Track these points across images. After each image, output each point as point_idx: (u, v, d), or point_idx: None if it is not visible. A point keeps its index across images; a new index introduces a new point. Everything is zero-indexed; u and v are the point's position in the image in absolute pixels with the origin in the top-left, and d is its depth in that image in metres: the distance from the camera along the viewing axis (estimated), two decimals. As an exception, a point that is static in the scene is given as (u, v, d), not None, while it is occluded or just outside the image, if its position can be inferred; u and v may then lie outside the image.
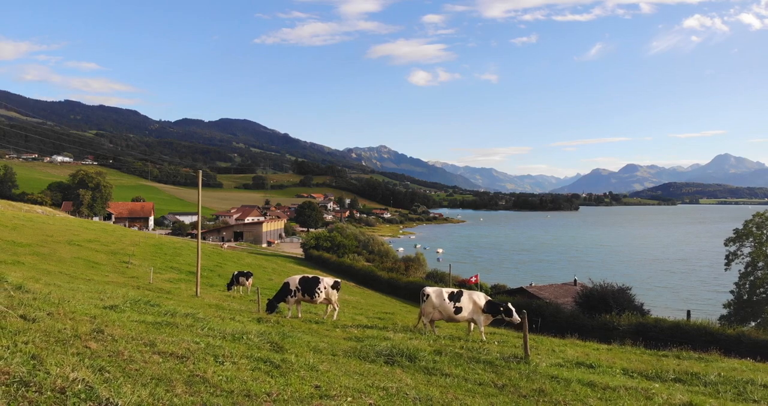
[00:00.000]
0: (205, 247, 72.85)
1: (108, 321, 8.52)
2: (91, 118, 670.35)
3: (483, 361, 10.40)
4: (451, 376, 9.17)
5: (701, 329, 29.93)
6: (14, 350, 6.12)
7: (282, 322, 14.49)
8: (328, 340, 11.26)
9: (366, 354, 10.04)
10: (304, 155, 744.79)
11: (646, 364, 12.47)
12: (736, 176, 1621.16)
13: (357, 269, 68.91)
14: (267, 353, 8.26)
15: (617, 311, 34.84)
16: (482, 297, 16.07)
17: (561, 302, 42.88)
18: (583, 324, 32.95)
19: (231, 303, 20.50)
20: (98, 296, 12.56)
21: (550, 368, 10.27)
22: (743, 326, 33.35)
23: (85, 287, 16.06)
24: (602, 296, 38.59)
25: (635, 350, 15.51)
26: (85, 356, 6.46)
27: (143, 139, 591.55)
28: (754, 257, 48.12)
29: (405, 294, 55.42)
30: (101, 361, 6.30)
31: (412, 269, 73.51)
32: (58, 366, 5.79)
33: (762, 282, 46.07)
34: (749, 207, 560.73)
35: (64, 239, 44.99)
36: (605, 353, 14.04)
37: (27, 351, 6.17)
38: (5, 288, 9.38)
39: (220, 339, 8.87)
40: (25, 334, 6.88)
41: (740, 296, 47.46)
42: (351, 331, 14.29)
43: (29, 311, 8.00)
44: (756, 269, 47.51)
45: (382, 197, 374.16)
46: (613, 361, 11.87)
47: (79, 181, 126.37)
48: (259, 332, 9.99)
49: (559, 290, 49.71)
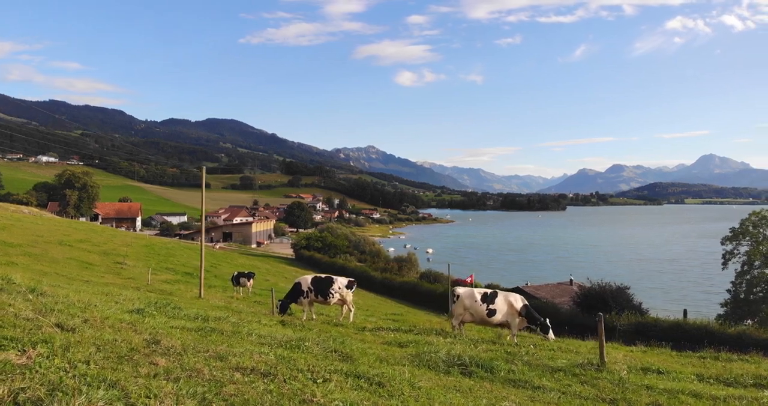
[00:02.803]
0: (197, 247, 72.14)
1: (149, 328, 7.82)
2: (77, 118, 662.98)
3: (559, 369, 9.78)
4: (545, 389, 8.49)
5: (702, 329, 29.90)
6: (81, 374, 5.04)
7: (306, 325, 13.95)
8: (370, 345, 10.61)
9: (434, 364, 9.32)
10: (292, 155, 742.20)
11: (709, 368, 12.02)
12: (720, 176, 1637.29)
13: (350, 270, 68.46)
14: (339, 363, 7.60)
15: (616, 310, 34.83)
16: (519, 300, 15.40)
17: (558, 302, 42.86)
18: (583, 324, 32.76)
19: (239, 304, 20.03)
20: (113, 299, 12.01)
21: (631, 375, 9.61)
22: (743, 325, 33.31)
23: (89, 289, 15.56)
24: (601, 295, 38.60)
25: (667, 352, 15.14)
26: (164, 377, 5.49)
27: (129, 139, 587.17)
28: (750, 256, 48.30)
29: (399, 294, 55.19)
30: (190, 385, 5.27)
31: (405, 269, 73.36)
32: (152, 398, 4.72)
33: (759, 281, 46.25)
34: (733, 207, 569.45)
35: (55, 240, 44.22)
36: (643, 355, 13.66)
37: (97, 376, 5.04)
38: (18, 291, 8.67)
39: (281, 348, 8.19)
40: (76, 349, 5.82)
41: (737, 294, 47.60)
42: (381, 335, 13.59)
43: (62, 318, 7.08)
44: (753, 268, 47.70)
45: (371, 198, 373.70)
46: (669, 365, 11.44)
47: (65, 181, 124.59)
48: (314, 339, 9.35)
49: (556, 289, 49.74)
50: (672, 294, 72.77)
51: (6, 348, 5.45)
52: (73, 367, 5.23)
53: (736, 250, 51.00)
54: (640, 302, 39.94)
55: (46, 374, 4.85)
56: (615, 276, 49.00)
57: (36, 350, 5.48)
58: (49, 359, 5.31)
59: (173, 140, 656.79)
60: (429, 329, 15.39)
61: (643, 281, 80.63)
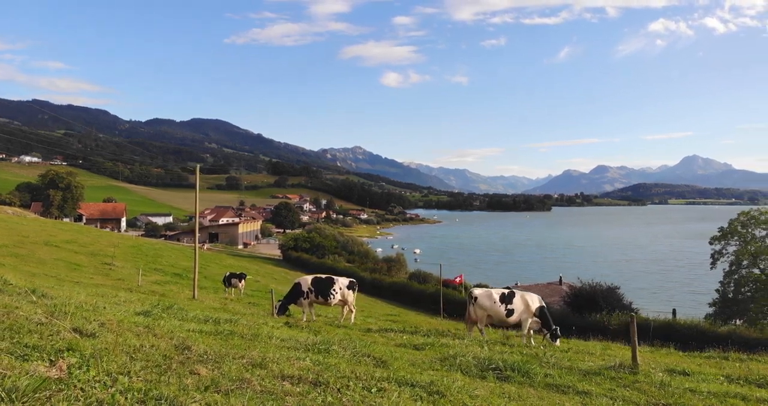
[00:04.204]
0: (185, 248, 71.49)
1: (167, 332, 7.35)
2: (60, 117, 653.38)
3: (594, 373, 9.42)
4: (592, 394, 8.02)
5: (693, 328, 30.11)
6: (126, 389, 4.46)
7: (311, 326, 13.66)
8: (392, 349, 10.08)
9: (466, 368, 8.83)
10: (278, 156, 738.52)
11: (730, 368, 11.82)
12: (704, 177, 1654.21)
13: (339, 270, 68.14)
14: (375, 369, 7.22)
15: (607, 310, 34.91)
16: (536, 300, 15.12)
17: (548, 302, 42.94)
18: (574, 324, 32.86)
19: (235, 306, 19.76)
20: (113, 301, 11.72)
21: (668, 378, 9.26)
22: (733, 325, 33.63)
23: (82, 290, 15.24)
24: (591, 295, 38.69)
25: (675, 352, 15.02)
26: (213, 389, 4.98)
27: (113, 139, 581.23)
28: (739, 256, 48.72)
29: (389, 295, 55.11)
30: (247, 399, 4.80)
31: (394, 269, 73.25)
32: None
33: (747, 280, 46.67)
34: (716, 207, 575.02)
35: (41, 240, 43.60)
36: (653, 356, 13.50)
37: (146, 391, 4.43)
38: (18, 292, 8.32)
39: (310, 352, 7.75)
40: (108, 358, 5.23)
41: (725, 294, 48.01)
42: (390, 336, 13.18)
43: (78, 322, 6.50)
44: (741, 268, 48.13)
45: (358, 198, 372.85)
46: (688, 366, 11.25)
47: (49, 181, 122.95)
48: (339, 343, 8.97)
49: (545, 289, 49.87)
50: (660, 295, 73.20)
51: (30, 358, 4.90)
52: (114, 380, 4.66)
53: (724, 249, 51.40)
54: (631, 302, 40.14)
55: (90, 391, 4.35)
56: (602, 276, 49.16)
57: (65, 360, 4.95)
58: (83, 371, 4.77)
59: (158, 140, 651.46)
60: (437, 330, 15.13)
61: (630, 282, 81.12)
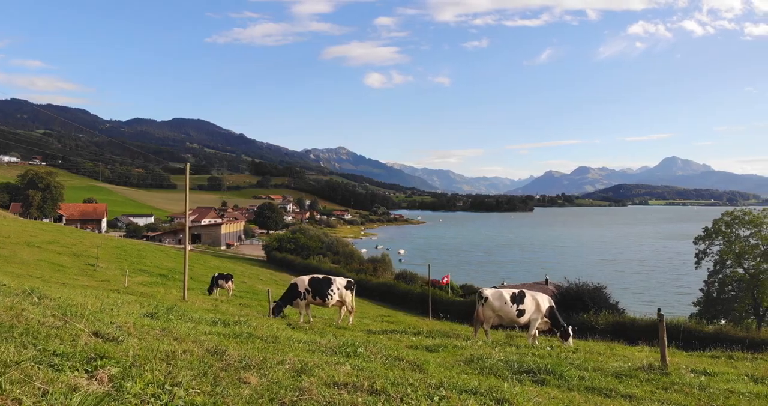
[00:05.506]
0: (167, 249, 70.75)
1: (184, 335, 6.89)
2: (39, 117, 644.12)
3: (627, 375, 9.16)
4: (638, 398, 7.68)
5: (679, 327, 30.38)
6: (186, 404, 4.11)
7: (315, 327, 13.42)
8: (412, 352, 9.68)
9: (497, 371, 8.46)
10: (261, 156, 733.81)
11: (745, 368, 11.75)
12: (683, 178, 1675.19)
13: (325, 271, 67.90)
14: (413, 373, 6.86)
15: (594, 309, 35.11)
16: (546, 300, 14.99)
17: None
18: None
19: (228, 307, 19.50)
20: (111, 303, 11.40)
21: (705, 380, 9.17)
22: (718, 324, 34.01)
23: (72, 291, 14.93)
24: (578, 295, 38.91)
25: (679, 352, 15.01)
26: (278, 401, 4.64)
27: (93, 139, 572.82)
28: (723, 255, 49.29)
29: (376, 295, 54.97)
30: None
31: (380, 270, 73.17)
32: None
33: (731, 280, 47.23)
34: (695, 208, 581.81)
35: (22, 241, 42.90)
36: (655, 355, 13.52)
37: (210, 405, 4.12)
38: (15, 293, 8.00)
39: (341, 356, 7.38)
40: (147, 366, 4.75)
41: (709, 293, 48.57)
42: (397, 338, 12.88)
43: (95, 325, 6.08)
44: (725, 267, 48.70)
45: (342, 199, 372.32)
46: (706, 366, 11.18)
47: (28, 181, 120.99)
48: (365, 345, 8.62)
49: (532, 289, 49.87)
50: (644, 295, 73.77)
51: (63, 368, 4.37)
52: (168, 394, 4.22)
53: (708, 249, 51.96)
54: (617, 302, 40.42)
55: None
56: (586, 276, 49.49)
57: (105, 370, 4.44)
58: (131, 383, 4.29)
59: (139, 140, 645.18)
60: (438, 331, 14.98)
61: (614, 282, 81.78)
